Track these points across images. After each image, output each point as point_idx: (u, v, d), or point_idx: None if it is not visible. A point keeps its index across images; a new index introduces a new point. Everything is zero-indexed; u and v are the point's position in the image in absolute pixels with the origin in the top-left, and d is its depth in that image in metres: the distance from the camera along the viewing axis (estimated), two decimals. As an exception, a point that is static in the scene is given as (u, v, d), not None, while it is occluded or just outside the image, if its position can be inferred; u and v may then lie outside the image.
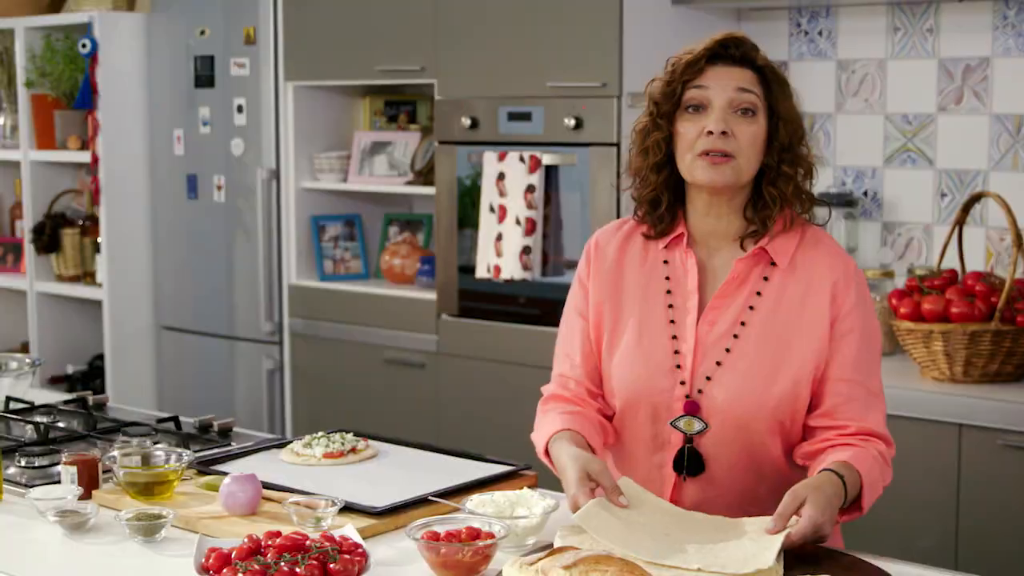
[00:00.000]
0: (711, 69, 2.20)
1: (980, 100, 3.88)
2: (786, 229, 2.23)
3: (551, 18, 4.03)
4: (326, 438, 2.58)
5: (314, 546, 1.88)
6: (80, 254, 5.45)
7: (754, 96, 2.19)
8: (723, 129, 2.16)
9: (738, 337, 2.20)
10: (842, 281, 2.21)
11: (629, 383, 2.25)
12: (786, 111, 2.21)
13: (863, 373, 2.21)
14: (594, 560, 1.74)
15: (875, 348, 2.25)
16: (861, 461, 2.13)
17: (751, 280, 2.23)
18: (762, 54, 2.24)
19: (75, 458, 2.38)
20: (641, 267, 2.30)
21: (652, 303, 2.26)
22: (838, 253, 2.25)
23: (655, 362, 2.23)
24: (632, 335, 2.26)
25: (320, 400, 4.80)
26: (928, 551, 3.33)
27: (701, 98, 2.20)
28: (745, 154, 2.18)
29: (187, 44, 5.05)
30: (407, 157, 4.73)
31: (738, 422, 2.19)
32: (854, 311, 2.21)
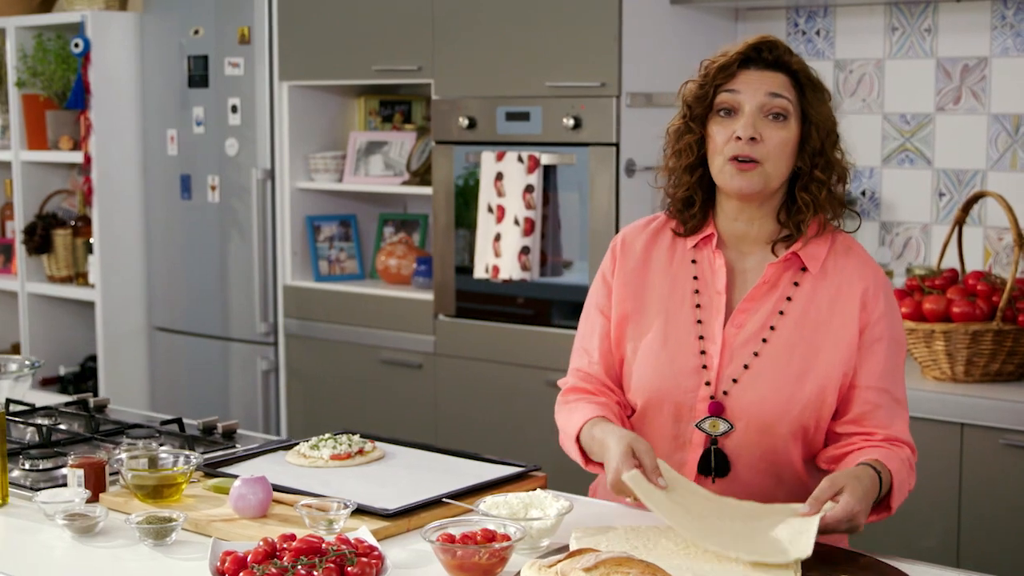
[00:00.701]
0: (743, 73, 2.20)
1: (978, 100, 3.88)
2: (819, 234, 2.22)
3: (550, 18, 4.02)
4: (333, 440, 2.57)
5: (331, 549, 1.86)
6: (72, 255, 5.42)
7: (786, 101, 2.18)
8: (751, 135, 2.16)
9: (767, 341, 2.20)
10: (872, 289, 2.21)
11: (653, 381, 2.24)
12: (819, 115, 2.21)
13: (890, 382, 2.22)
14: (615, 562, 1.73)
15: (901, 357, 2.26)
16: (891, 461, 2.14)
17: (782, 285, 2.23)
18: (797, 57, 2.22)
19: (82, 461, 2.36)
20: (669, 265, 2.29)
21: (679, 302, 2.26)
22: (868, 261, 2.26)
23: (681, 362, 2.23)
24: (658, 334, 2.25)
25: (316, 401, 4.78)
26: (930, 550, 3.33)
27: (732, 102, 2.20)
28: (773, 160, 2.17)
29: (180, 44, 5.03)
30: (403, 157, 4.71)
31: (763, 426, 2.19)
32: (883, 319, 2.21)
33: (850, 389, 2.21)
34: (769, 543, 1.94)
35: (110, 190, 5.19)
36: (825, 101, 2.23)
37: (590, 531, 2.06)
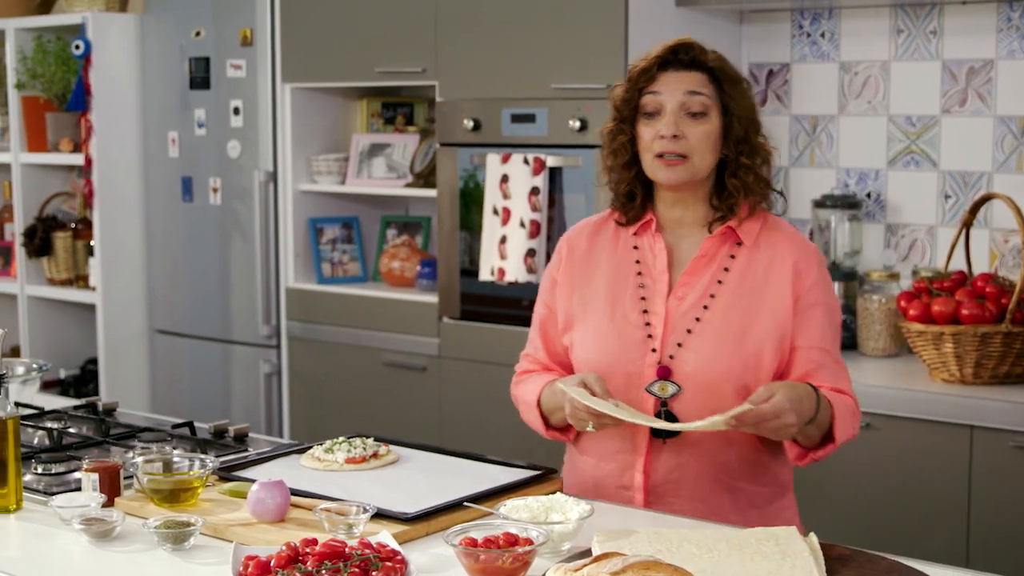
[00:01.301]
0: (663, 75, 2.36)
1: (984, 102, 3.88)
2: (751, 215, 2.40)
3: (555, 19, 4.02)
4: (347, 443, 2.56)
5: (355, 553, 1.85)
6: (72, 257, 5.40)
7: (704, 97, 2.34)
8: (674, 133, 2.33)
9: (707, 308, 2.36)
10: (804, 260, 2.38)
11: (603, 356, 2.39)
12: (739, 107, 2.36)
13: (830, 344, 2.38)
14: (643, 566, 1.72)
15: (837, 324, 2.42)
16: (833, 397, 2.32)
17: (719, 258, 2.39)
18: (713, 54, 2.38)
19: (96, 465, 2.34)
20: (613, 254, 2.46)
21: (624, 284, 2.43)
22: (799, 236, 2.43)
23: (627, 335, 2.39)
24: (604, 314, 2.42)
25: (318, 404, 4.77)
26: (939, 552, 3.32)
27: (655, 103, 2.36)
28: (699, 152, 2.34)
29: (181, 45, 5.02)
30: (406, 159, 4.70)
31: (708, 385, 2.33)
32: (816, 287, 2.37)
33: (792, 352, 2.35)
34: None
35: (111, 192, 5.18)
36: (743, 92, 2.38)
37: (612, 535, 2.05)
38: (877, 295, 3.84)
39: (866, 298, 3.85)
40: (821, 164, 4.18)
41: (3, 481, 2.32)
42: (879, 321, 3.82)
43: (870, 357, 3.84)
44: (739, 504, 2.41)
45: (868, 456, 3.49)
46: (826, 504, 3.55)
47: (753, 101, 2.40)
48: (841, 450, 3.46)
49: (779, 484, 2.48)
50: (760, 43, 4.26)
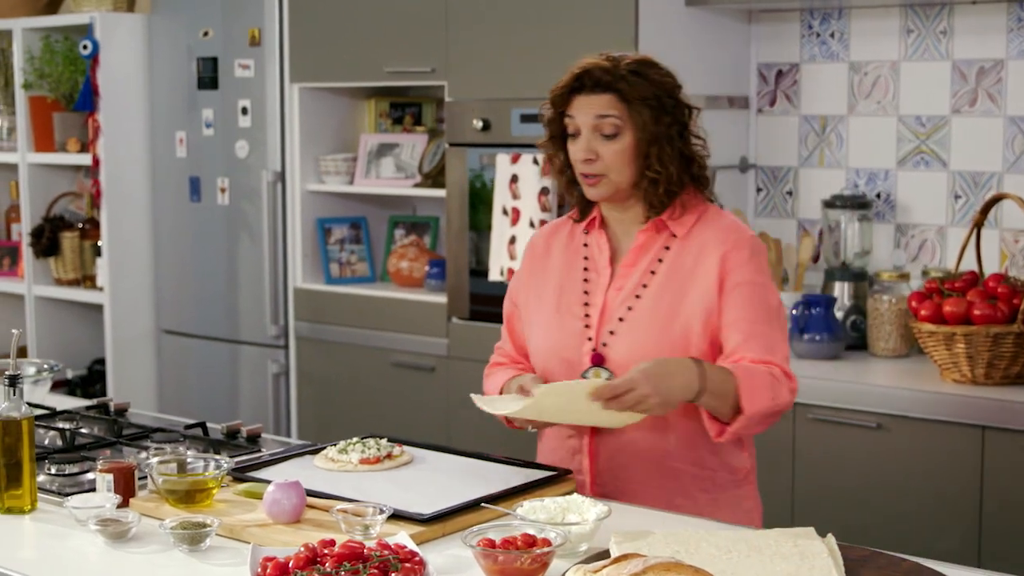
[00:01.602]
0: (576, 99, 2.46)
1: (994, 102, 3.88)
2: (685, 210, 2.48)
3: (565, 19, 4.01)
4: (361, 444, 2.55)
5: (374, 555, 1.85)
6: (80, 257, 5.40)
7: (613, 119, 2.43)
8: (587, 156, 2.44)
9: (639, 297, 2.46)
10: (732, 246, 2.44)
11: (546, 344, 2.54)
12: (643, 126, 2.42)
13: (760, 318, 2.41)
14: (664, 567, 1.71)
15: (771, 302, 2.45)
16: (741, 369, 2.35)
17: (653, 249, 2.49)
18: (620, 74, 2.42)
19: (111, 466, 2.34)
20: (565, 250, 2.59)
21: (571, 278, 2.55)
22: (733, 226, 2.49)
23: (568, 325, 2.51)
24: (552, 306, 2.55)
25: (327, 404, 4.77)
26: (951, 552, 3.32)
27: (573, 126, 2.47)
28: (615, 169, 2.44)
29: (188, 45, 5.01)
30: (414, 159, 4.70)
31: None
32: (743, 267, 2.43)
33: (720, 330, 2.43)
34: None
35: (118, 192, 5.17)
36: (651, 109, 2.42)
37: (630, 535, 2.05)
38: (887, 295, 3.83)
39: (876, 298, 3.84)
40: (830, 164, 4.18)
41: (18, 482, 2.32)
42: (889, 321, 3.81)
43: (880, 357, 3.84)
44: (687, 489, 2.46)
45: (880, 456, 3.48)
46: (837, 504, 3.54)
47: (671, 111, 2.44)
48: (852, 450, 3.49)
49: (730, 470, 2.51)
50: (769, 43, 4.26)
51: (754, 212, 4.34)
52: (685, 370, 2.31)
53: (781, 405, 2.39)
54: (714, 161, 4.12)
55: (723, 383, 2.33)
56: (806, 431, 3.59)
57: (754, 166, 4.33)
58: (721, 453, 2.49)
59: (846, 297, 3.96)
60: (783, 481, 3.62)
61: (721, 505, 2.46)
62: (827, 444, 3.57)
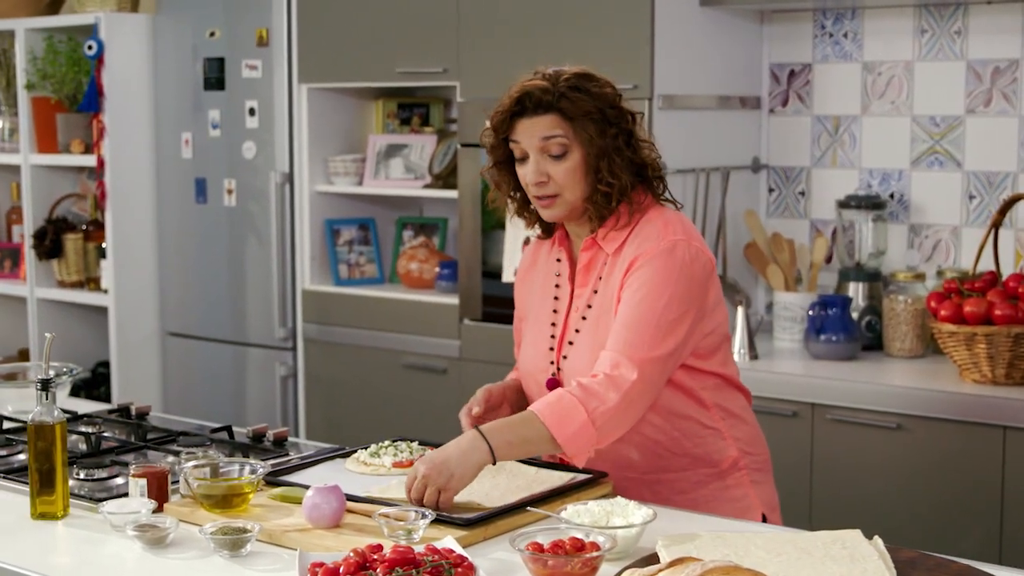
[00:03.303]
0: (519, 123, 2.41)
1: (1009, 102, 3.87)
2: (622, 221, 2.43)
3: (580, 19, 3.99)
4: (393, 447, 2.54)
5: (426, 559, 1.83)
6: (83, 259, 5.36)
7: (559, 138, 2.38)
8: (538, 180, 2.40)
9: (585, 318, 2.47)
10: (644, 255, 2.38)
11: (524, 364, 2.59)
12: (589, 141, 2.37)
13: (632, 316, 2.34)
14: (723, 571, 1.70)
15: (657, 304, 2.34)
16: (545, 405, 2.31)
17: (596, 267, 2.48)
18: (561, 93, 2.37)
19: (144, 470, 2.32)
20: (544, 264, 2.59)
21: (544, 296, 2.57)
22: (659, 234, 2.39)
23: (539, 345, 2.54)
24: (530, 323, 2.59)
25: (336, 407, 4.74)
26: (972, 552, 3.31)
27: (519, 151, 2.43)
28: (568, 188, 2.40)
29: (194, 46, 4.98)
30: (424, 160, 4.68)
31: None
32: (635, 273, 2.37)
33: None
34: None
35: (123, 194, 5.14)
36: (594, 123, 2.37)
37: (677, 539, 2.03)
38: (903, 296, 3.83)
39: (892, 299, 3.84)
40: (844, 165, 4.17)
41: (50, 487, 2.29)
42: (905, 322, 3.81)
43: (896, 358, 3.83)
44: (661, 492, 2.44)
45: (900, 457, 3.48)
46: (857, 504, 3.53)
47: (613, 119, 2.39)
48: (872, 450, 3.49)
49: (709, 464, 2.49)
50: (782, 43, 4.25)
51: (766, 212, 4.33)
52: (463, 443, 2.26)
53: (609, 408, 2.29)
54: (726, 161, 4.15)
55: (522, 429, 2.30)
56: (825, 432, 3.58)
57: (766, 166, 4.32)
58: (691, 453, 2.47)
59: (861, 297, 3.96)
60: (802, 482, 3.61)
61: (701, 502, 2.44)
62: (846, 445, 3.56)
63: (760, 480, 2.56)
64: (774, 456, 2.63)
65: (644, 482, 2.47)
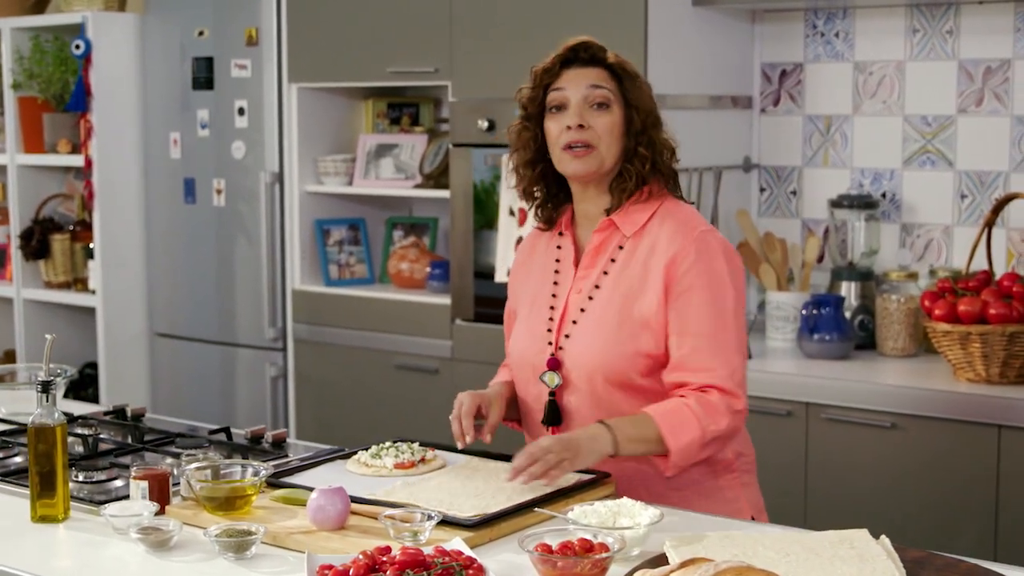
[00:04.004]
0: (566, 72, 2.48)
1: (1001, 102, 3.89)
2: (642, 202, 2.47)
3: (573, 18, 3.99)
4: (394, 448, 2.53)
5: (437, 561, 1.82)
6: (70, 260, 5.33)
7: (606, 90, 2.45)
8: (580, 123, 2.43)
9: (592, 299, 2.47)
10: (680, 248, 2.41)
11: (517, 348, 2.57)
12: (638, 100, 2.47)
13: (707, 327, 2.39)
14: (736, 572, 1.69)
15: (722, 306, 2.41)
16: (662, 410, 2.35)
17: (608, 249, 2.48)
18: (611, 52, 2.49)
19: (145, 473, 2.30)
20: (542, 255, 2.60)
21: (542, 283, 2.57)
22: (686, 223, 2.45)
23: (535, 328, 2.53)
24: (524, 311, 2.59)
25: (326, 407, 4.72)
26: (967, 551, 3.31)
27: (560, 99, 2.47)
28: (605, 142, 2.44)
29: (183, 45, 4.96)
30: (414, 160, 4.66)
31: (588, 374, 2.44)
32: (691, 271, 2.40)
33: (669, 338, 2.41)
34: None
35: (111, 194, 5.11)
36: (642, 88, 2.48)
37: (685, 539, 2.03)
38: (896, 295, 3.84)
39: (885, 298, 3.84)
40: (835, 164, 4.18)
41: (51, 490, 2.27)
42: (898, 321, 3.81)
43: (889, 357, 3.84)
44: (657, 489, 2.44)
45: (895, 456, 3.48)
46: (852, 504, 3.54)
47: (652, 97, 2.50)
48: (867, 449, 3.49)
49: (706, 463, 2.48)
50: (773, 43, 4.25)
51: (757, 212, 4.34)
52: (590, 430, 2.33)
53: (719, 432, 2.36)
54: (718, 161, 4.15)
55: (642, 428, 2.34)
56: (819, 431, 3.58)
57: (758, 166, 4.32)
58: None
59: (853, 297, 3.97)
60: (796, 481, 3.62)
61: (693, 500, 2.44)
62: (841, 444, 3.57)
63: (748, 482, 2.57)
64: (768, 456, 2.65)
65: (638, 473, 2.45)
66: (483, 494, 2.30)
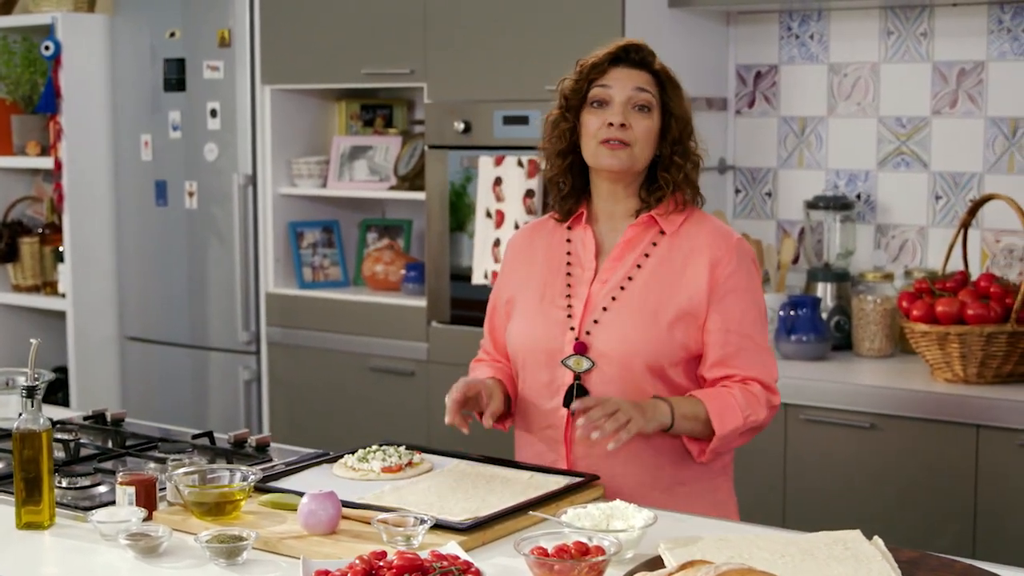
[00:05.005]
0: (613, 70, 2.52)
1: (975, 103, 3.91)
2: (674, 206, 2.54)
3: (549, 20, 3.99)
4: (381, 452, 2.51)
5: (435, 566, 1.81)
6: (39, 263, 5.28)
7: (649, 95, 2.50)
8: (622, 121, 2.47)
9: (624, 288, 2.49)
10: (723, 250, 2.49)
11: (528, 334, 2.55)
12: (677, 110, 2.53)
13: (749, 328, 2.48)
14: (737, 574, 1.69)
15: (760, 310, 2.53)
16: (710, 394, 2.43)
17: (641, 245, 2.53)
18: (658, 59, 2.55)
19: (132, 478, 2.28)
20: (547, 247, 2.61)
21: (554, 273, 2.58)
22: (722, 229, 2.54)
23: (551, 316, 2.53)
24: (534, 300, 2.58)
25: (301, 410, 4.70)
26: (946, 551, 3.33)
27: (604, 95, 2.51)
28: (640, 144, 2.49)
29: (153, 46, 4.92)
30: (388, 162, 4.65)
31: (620, 360, 2.45)
32: (735, 275, 2.48)
33: (710, 334, 2.46)
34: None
35: (81, 196, 5.06)
36: (682, 98, 2.54)
37: (680, 541, 2.03)
38: (872, 296, 3.85)
39: (861, 299, 3.86)
40: (810, 165, 4.19)
41: (36, 496, 2.25)
42: (875, 322, 3.83)
43: (866, 357, 3.86)
44: (664, 482, 2.48)
45: (874, 456, 3.50)
46: (831, 504, 3.55)
47: (689, 108, 2.55)
48: (846, 450, 3.50)
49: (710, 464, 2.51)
50: (748, 45, 4.27)
51: (733, 213, 4.34)
52: (655, 403, 2.40)
53: (757, 422, 2.46)
54: (695, 162, 4.15)
55: (695, 408, 2.42)
56: (798, 432, 3.59)
57: (733, 167, 4.33)
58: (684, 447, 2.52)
59: (829, 298, 3.98)
60: (775, 482, 3.63)
61: (695, 497, 2.48)
62: (820, 444, 3.58)
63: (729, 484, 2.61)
64: (747, 457, 2.69)
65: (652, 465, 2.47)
66: (473, 497, 2.30)
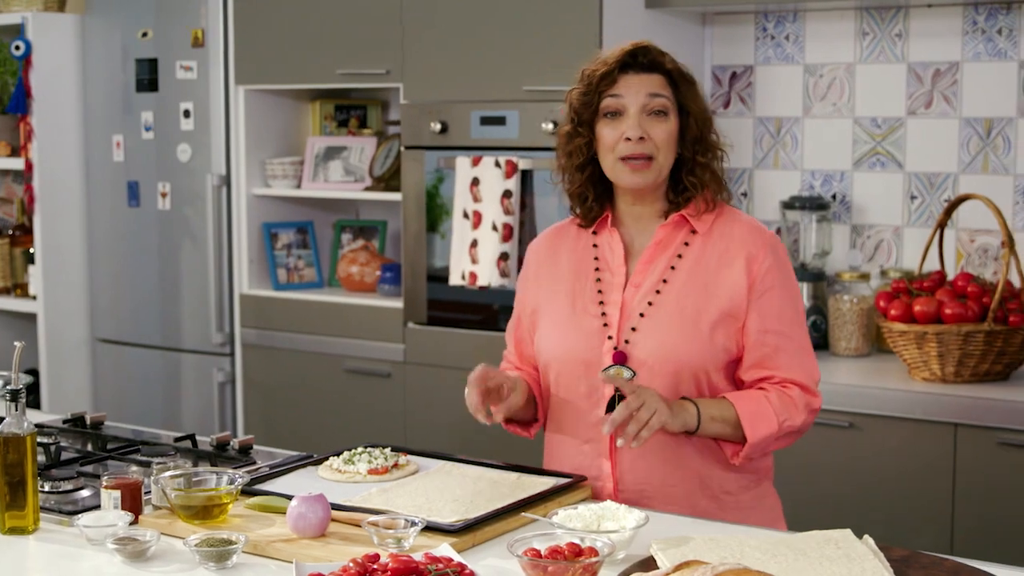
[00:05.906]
0: (623, 78, 2.41)
1: (950, 104, 3.94)
2: (707, 207, 2.46)
3: (526, 21, 3.98)
4: (367, 454, 2.50)
5: (430, 568, 1.80)
6: (10, 265, 5.23)
7: (664, 99, 2.41)
8: (639, 135, 2.38)
9: (660, 292, 2.41)
10: (758, 247, 2.42)
11: (562, 345, 2.46)
12: (694, 107, 2.44)
13: (787, 326, 2.41)
14: (734, 574, 1.69)
15: (798, 307, 2.46)
16: (742, 397, 2.37)
17: (673, 245, 2.45)
18: (669, 57, 2.45)
19: (117, 482, 2.26)
20: (573, 253, 2.52)
21: (583, 280, 2.48)
22: (755, 225, 2.48)
23: (586, 325, 2.44)
24: (565, 308, 2.48)
25: (275, 412, 4.67)
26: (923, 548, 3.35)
27: (617, 105, 2.41)
28: (663, 152, 2.40)
29: (124, 46, 4.88)
30: (363, 162, 4.63)
31: (662, 367, 2.38)
32: (771, 272, 2.41)
33: (748, 335, 2.40)
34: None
35: (52, 197, 5.02)
36: (697, 93, 2.46)
37: (671, 542, 2.03)
38: (848, 295, 3.87)
39: (837, 298, 3.88)
40: (786, 166, 4.21)
41: (20, 501, 2.22)
42: (851, 321, 3.85)
43: (843, 357, 3.87)
44: (711, 490, 2.43)
45: (852, 455, 3.51)
46: (810, 503, 3.56)
47: (704, 101, 2.48)
48: (824, 449, 3.51)
49: (752, 469, 2.49)
50: (723, 45, 4.28)
51: (709, 214, 4.35)
52: (682, 403, 2.34)
53: (794, 427, 2.40)
54: (671, 163, 4.16)
55: (724, 411, 2.36)
56: (777, 431, 3.60)
57: (709, 168, 4.33)
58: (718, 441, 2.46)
59: (806, 297, 3.99)
60: (755, 482, 3.63)
61: (743, 505, 2.44)
62: (798, 444, 3.52)
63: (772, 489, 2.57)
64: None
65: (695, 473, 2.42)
66: (461, 499, 2.29)
